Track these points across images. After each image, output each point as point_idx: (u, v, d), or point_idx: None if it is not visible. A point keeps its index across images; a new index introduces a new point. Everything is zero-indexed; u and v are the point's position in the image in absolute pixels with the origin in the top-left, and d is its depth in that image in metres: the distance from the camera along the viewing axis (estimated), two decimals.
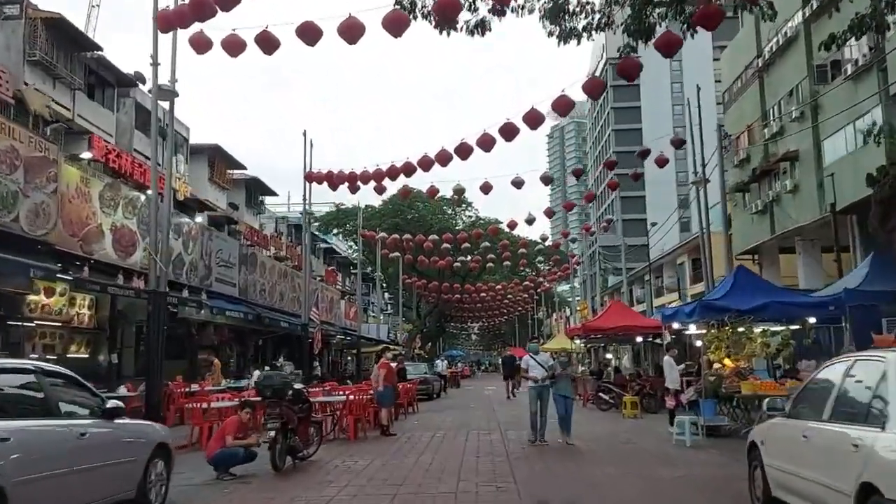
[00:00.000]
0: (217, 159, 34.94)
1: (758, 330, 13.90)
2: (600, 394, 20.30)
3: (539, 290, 54.16)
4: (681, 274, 49.01)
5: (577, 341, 26.35)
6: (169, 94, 14.10)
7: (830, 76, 25.43)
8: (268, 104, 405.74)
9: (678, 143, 21.25)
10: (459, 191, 22.96)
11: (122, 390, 14.82)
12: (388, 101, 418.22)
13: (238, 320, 22.68)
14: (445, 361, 31.36)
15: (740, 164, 34.48)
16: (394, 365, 18.73)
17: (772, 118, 31.01)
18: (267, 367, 22.35)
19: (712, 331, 14.10)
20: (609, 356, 24.64)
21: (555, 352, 35.62)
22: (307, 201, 24.83)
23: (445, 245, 32.84)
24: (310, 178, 23.95)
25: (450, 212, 50.82)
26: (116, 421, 6.73)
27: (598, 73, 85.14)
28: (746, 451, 7.08)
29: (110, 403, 6.65)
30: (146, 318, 14.55)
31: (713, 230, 41.19)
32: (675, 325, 15.56)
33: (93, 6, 40.26)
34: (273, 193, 43.01)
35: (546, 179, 22.19)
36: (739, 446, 12.20)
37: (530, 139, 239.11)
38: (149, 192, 16.24)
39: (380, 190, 23.42)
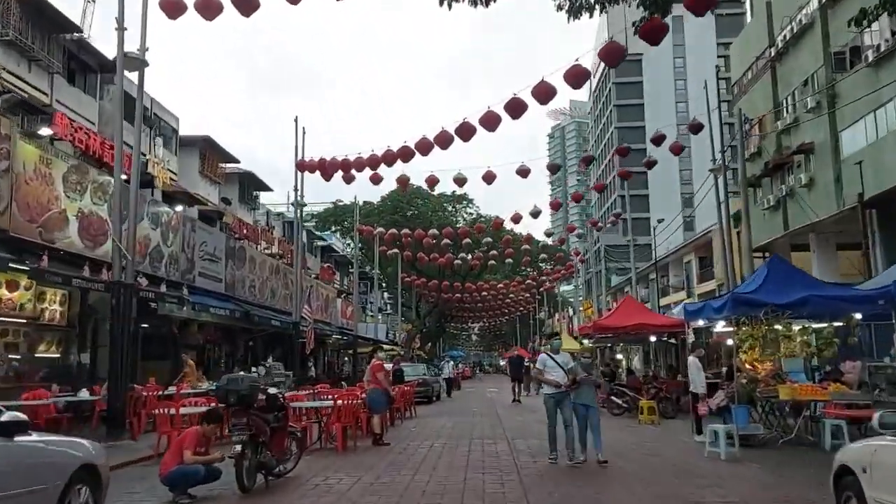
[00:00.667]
0: (208, 152, 33.45)
1: (796, 327, 12.29)
2: (612, 397, 18.68)
3: (541, 290, 52.54)
4: (688, 273, 47.50)
5: (586, 341, 24.69)
6: (137, 62, 12.49)
7: (849, 63, 23.96)
8: (260, 94, 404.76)
9: (696, 129, 19.67)
10: (461, 180, 21.36)
11: (84, 393, 13.20)
12: (385, 81, 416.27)
13: (224, 318, 21.08)
14: (452, 362, 29.39)
15: (751, 158, 33.08)
16: (389, 366, 17.18)
17: (785, 109, 29.58)
18: (254, 369, 20.76)
19: (744, 328, 12.49)
20: (619, 356, 22.95)
21: (574, 352, 34.12)
22: (298, 191, 23.26)
23: (446, 241, 31.22)
24: (301, 166, 22.38)
25: (450, 209, 49.19)
26: (17, 439, 5.12)
27: (601, 70, 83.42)
28: (832, 479, 5.47)
29: (5, 416, 5.03)
30: (116, 312, 12.91)
31: (719, 228, 39.59)
32: (700, 323, 13.96)
33: (88, 2, 38.59)
34: (268, 188, 41.50)
35: (553, 168, 20.61)
36: (782, 459, 10.64)
37: (531, 139, 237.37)
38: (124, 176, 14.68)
39: (376, 179, 21.95)
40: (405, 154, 17.50)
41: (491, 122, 14.65)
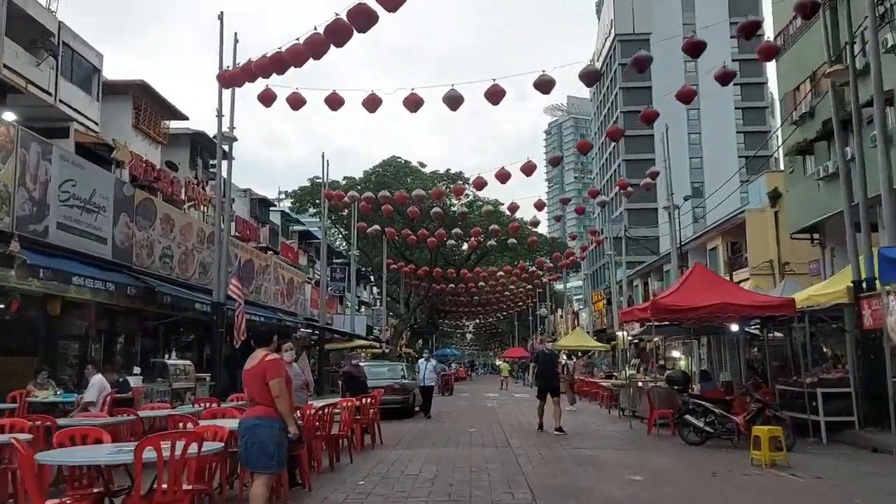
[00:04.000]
0: (146, 102, 26.36)
1: None
2: (688, 416, 11.58)
3: (547, 280, 45.46)
4: (712, 261, 40.61)
5: (622, 333, 17.49)
6: None
7: None
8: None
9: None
10: (454, 98, 14.41)
11: None
12: (380, 84, 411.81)
13: (110, 295, 13.95)
14: (433, 362, 19.30)
15: (800, 121, 26.24)
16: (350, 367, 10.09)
17: (852, 55, 22.66)
18: (137, 368, 13.61)
19: None
20: (676, 354, 15.70)
21: (576, 349, 26.78)
22: (223, 113, 16.28)
23: (436, 209, 24.12)
24: (224, 79, 15.29)
25: (444, 188, 41.74)
26: None
27: (605, 52, 76.56)
28: None
29: None
30: None
31: (753, 208, 32.67)
32: None
33: None
34: (226, 155, 34.25)
35: (591, 75, 13.58)
36: None
37: (527, 136, 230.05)
38: None
39: (334, 102, 15.35)
40: (362, 17, 10.44)
41: None
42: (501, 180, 18.72)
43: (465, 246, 48.38)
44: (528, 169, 18.24)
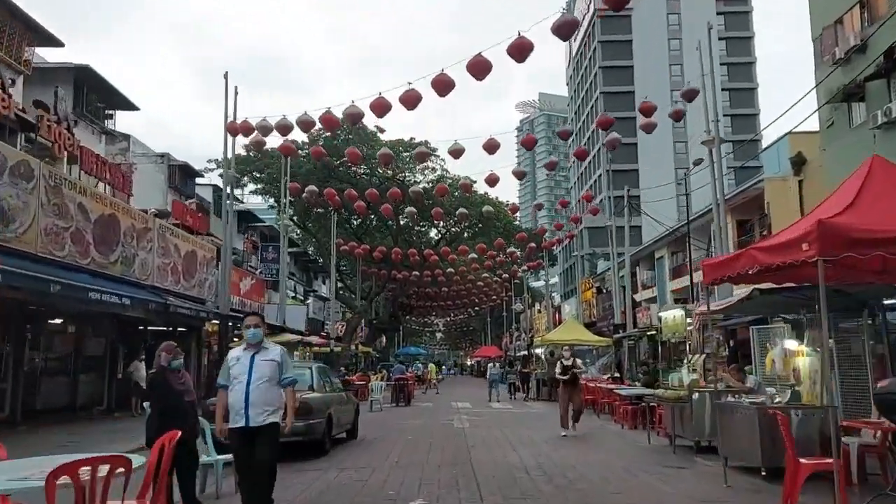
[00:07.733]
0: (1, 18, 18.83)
1: None
2: None
3: (526, 268, 38.38)
4: (718, 242, 33.94)
5: (671, 314, 10.25)
6: None
7: None
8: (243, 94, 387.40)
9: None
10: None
11: None
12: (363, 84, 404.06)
13: None
14: (275, 353, 5.66)
15: (846, 60, 19.74)
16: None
17: None
18: None
19: None
20: (792, 345, 9.30)
21: (570, 344, 19.17)
22: None
23: (383, 149, 16.80)
24: None
25: (406, 156, 34.35)
26: None
27: (585, 27, 69.90)
28: None
29: None
30: None
31: (773, 177, 26.38)
32: None
33: None
34: (130, 107, 26.49)
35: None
36: None
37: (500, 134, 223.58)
38: None
39: None
40: None
41: None
42: (476, 74, 11.40)
43: (433, 232, 41.11)
44: (518, 50, 10.97)
